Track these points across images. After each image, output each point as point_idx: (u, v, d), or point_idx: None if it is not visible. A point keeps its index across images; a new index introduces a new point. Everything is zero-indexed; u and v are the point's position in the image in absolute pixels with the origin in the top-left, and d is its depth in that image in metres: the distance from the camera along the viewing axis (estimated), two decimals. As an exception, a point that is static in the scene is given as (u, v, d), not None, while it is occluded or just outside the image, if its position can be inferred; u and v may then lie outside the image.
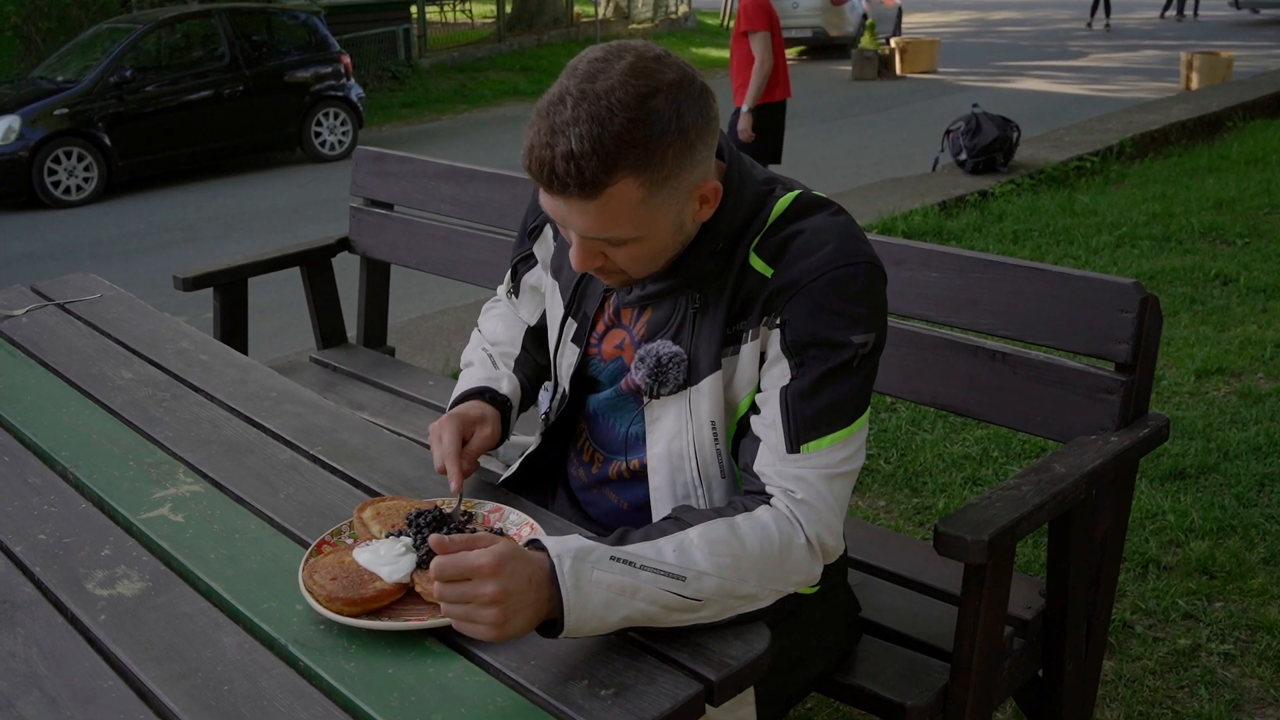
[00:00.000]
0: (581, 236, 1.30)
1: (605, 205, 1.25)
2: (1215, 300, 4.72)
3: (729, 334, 1.37)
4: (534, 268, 1.67)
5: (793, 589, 1.31)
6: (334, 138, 11.14)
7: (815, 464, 1.31)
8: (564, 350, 1.56)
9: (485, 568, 1.12)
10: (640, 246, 1.31)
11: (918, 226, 5.91)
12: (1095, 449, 1.69)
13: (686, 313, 1.40)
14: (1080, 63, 16.04)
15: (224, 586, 1.33)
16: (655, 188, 1.25)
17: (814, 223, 1.36)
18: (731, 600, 1.23)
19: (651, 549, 1.21)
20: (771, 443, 1.33)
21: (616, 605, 1.17)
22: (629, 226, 1.28)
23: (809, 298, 1.31)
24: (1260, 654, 2.45)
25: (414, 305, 5.31)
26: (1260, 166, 7.17)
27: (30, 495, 1.57)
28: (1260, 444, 3.38)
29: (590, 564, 1.17)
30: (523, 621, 1.14)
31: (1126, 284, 1.73)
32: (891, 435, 3.57)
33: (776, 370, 1.34)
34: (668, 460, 1.43)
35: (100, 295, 2.38)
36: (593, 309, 1.52)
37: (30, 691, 1.16)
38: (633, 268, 1.35)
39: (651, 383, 1.40)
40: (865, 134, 10.88)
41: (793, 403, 1.32)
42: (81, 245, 7.88)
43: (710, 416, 1.39)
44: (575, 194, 1.23)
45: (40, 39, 12.86)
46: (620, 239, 1.30)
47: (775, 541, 1.26)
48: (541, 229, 1.63)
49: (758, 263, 1.36)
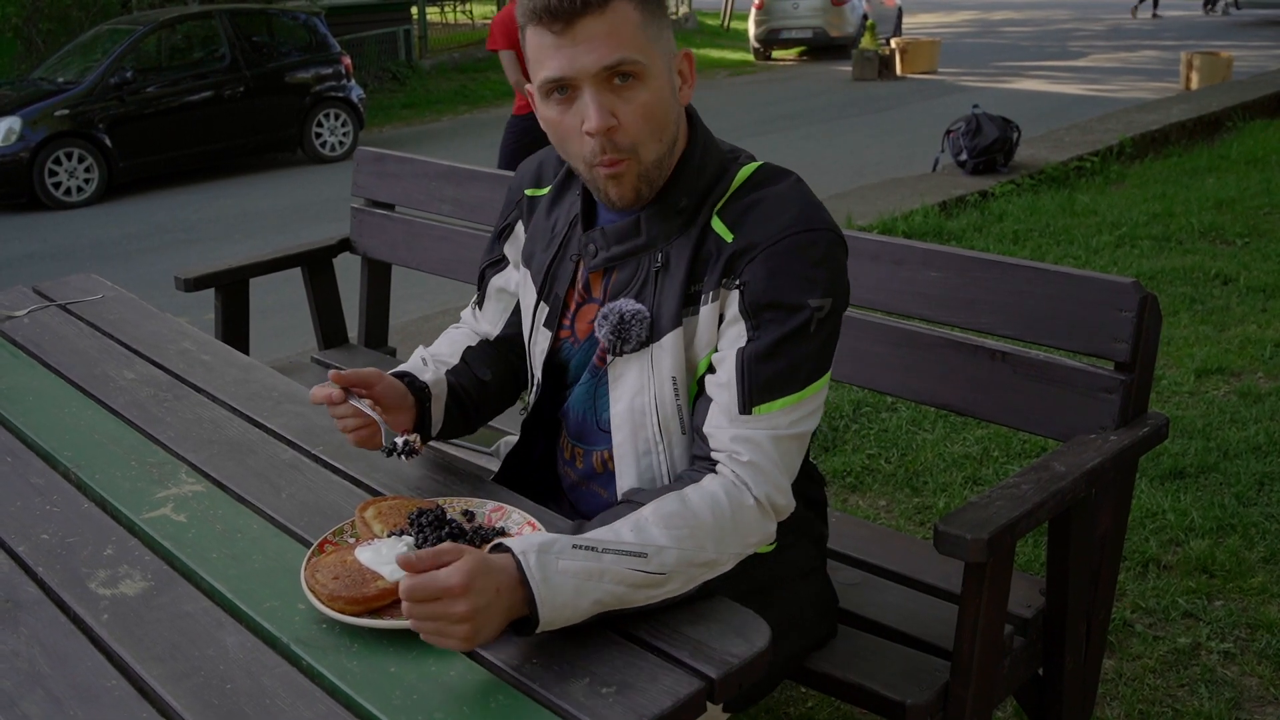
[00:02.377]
0: (594, 80, 1.33)
1: (614, 20, 1.31)
2: (1215, 300, 4.72)
3: (689, 293, 1.40)
4: (503, 269, 1.69)
5: (751, 549, 1.33)
6: (335, 138, 11.15)
7: (764, 425, 1.34)
8: (536, 337, 1.58)
9: (455, 588, 1.12)
10: (648, 90, 1.35)
11: (918, 227, 5.91)
12: (1095, 448, 1.70)
13: (649, 272, 1.43)
14: (1080, 63, 16.04)
15: (226, 586, 1.34)
16: (648, 15, 1.35)
17: (776, 190, 1.41)
18: (694, 569, 1.26)
19: (610, 532, 1.24)
20: (723, 403, 1.36)
21: (586, 590, 1.18)
22: (635, 48, 1.33)
23: (768, 260, 1.35)
24: (1260, 652, 2.46)
25: (415, 306, 5.32)
26: (1260, 166, 7.17)
27: (33, 495, 1.57)
28: (1260, 443, 3.38)
29: (555, 554, 1.18)
30: (493, 629, 1.15)
31: (1126, 283, 1.74)
32: (892, 435, 3.57)
33: (733, 331, 1.37)
34: (630, 417, 1.46)
35: (102, 296, 2.39)
36: (564, 289, 1.54)
37: (33, 690, 1.17)
38: (638, 127, 1.36)
39: (615, 339, 1.42)
40: (866, 134, 10.88)
41: (748, 364, 1.34)
42: (82, 246, 7.89)
43: (672, 372, 1.42)
44: (584, 10, 1.30)
45: (41, 40, 12.88)
46: (631, 63, 1.32)
47: (726, 507, 1.29)
48: (513, 226, 1.66)
49: (719, 226, 1.40)
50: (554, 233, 1.57)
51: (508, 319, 1.71)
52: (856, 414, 3.73)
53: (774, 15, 17.78)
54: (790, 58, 18.63)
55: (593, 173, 1.40)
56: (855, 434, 3.60)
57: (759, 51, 18.30)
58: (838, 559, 1.94)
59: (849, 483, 3.30)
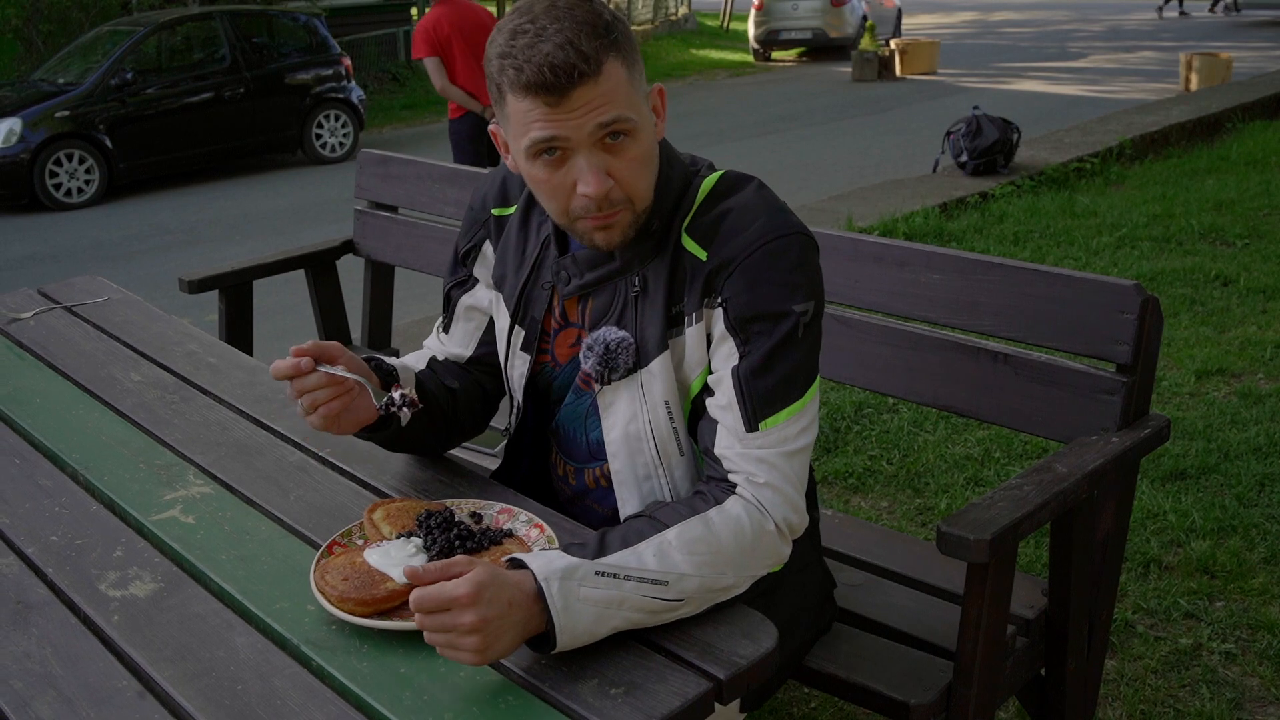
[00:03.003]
0: (589, 141, 1.31)
1: (606, 83, 1.30)
2: (1215, 301, 4.73)
3: (672, 315, 1.40)
4: (472, 289, 1.66)
5: (765, 572, 1.34)
6: (335, 139, 11.16)
7: (774, 440, 1.34)
8: (513, 360, 1.56)
9: (463, 599, 1.11)
10: (636, 143, 1.34)
11: (919, 228, 5.92)
12: (1097, 449, 1.71)
13: (627, 297, 1.43)
14: (1080, 64, 16.05)
15: (236, 587, 1.35)
16: (631, 67, 1.34)
17: (740, 200, 1.41)
18: (711, 593, 1.27)
19: (633, 556, 1.23)
20: (729, 424, 1.36)
21: (605, 618, 1.19)
22: (627, 105, 1.32)
23: (746, 273, 1.36)
24: (1261, 653, 2.47)
25: (416, 307, 5.33)
26: (1260, 168, 7.18)
27: (41, 497, 1.58)
28: (1260, 444, 3.39)
29: (577, 582, 1.18)
30: (507, 643, 1.15)
31: (1128, 286, 1.75)
32: (894, 436, 3.58)
33: (724, 350, 1.38)
34: (626, 444, 1.46)
35: (107, 298, 2.40)
36: (540, 313, 1.52)
37: (45, 691, 1.17)
38: (634, 180, 1.36)
39: (602, 369, 1.42)
40: (865, 135, 10.89)
41: (746, 381, 1.35)
42: (83, 247, 7.89)
43: (664, 397, 1.42)
44: (579, 79, 1.28)
45: (41, 41, 12.88)
46: (624, 120, 1.32)
47: (748, 533, 1.30)
48: (480, 247, 1.63)
49: (690, 244, 1.40)
50: (525, 255, 1.54)
51: (479, 338, 1.67)
52: (858, 415, 3.74)
53: (773, 16, 17.80)
54: (790, 59, 18.64)
55: (577, 226, 1.38)
56: (857, 435, 3.61)
57: (758, 52, 18.32)
58: (841, 560, 1.95)
59: (851, 484, 3.31)
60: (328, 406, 1.38)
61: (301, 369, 1.35)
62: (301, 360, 1.36)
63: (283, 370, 1.36)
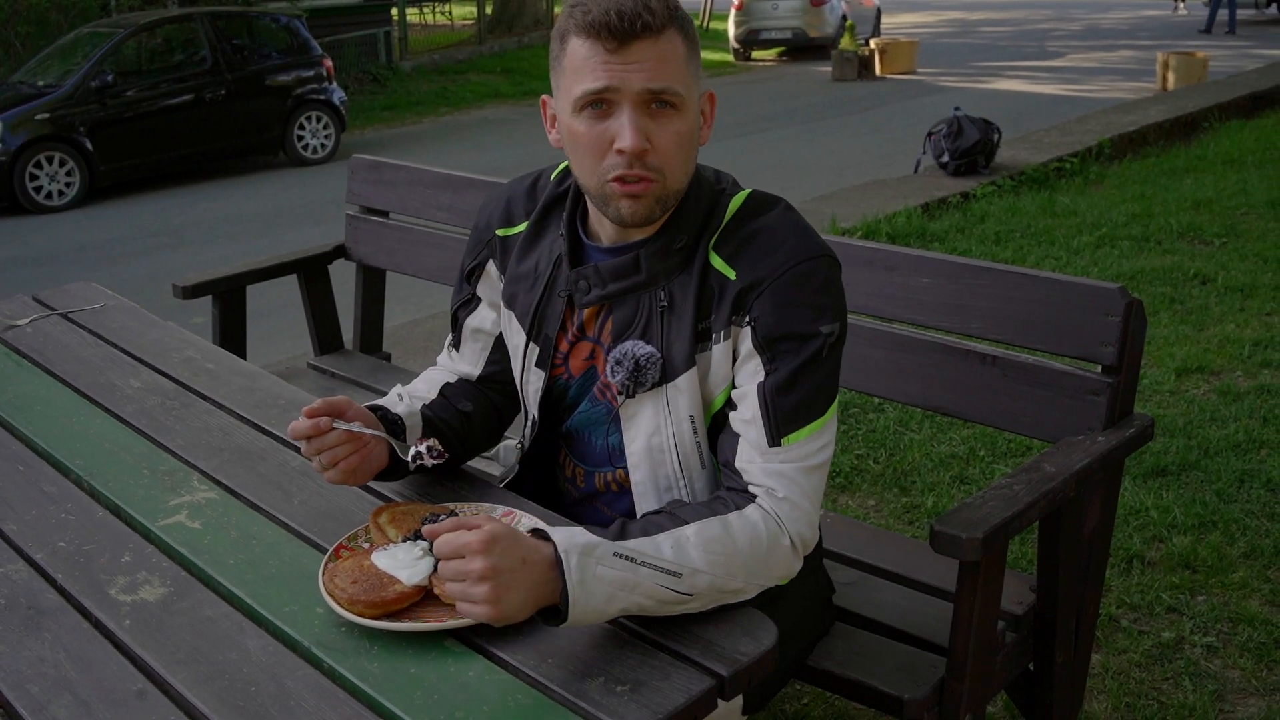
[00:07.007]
0: (636, 100, 1.35)
1: (664, 49, 1.35)
2: (1194, 300, 4.80)
3: (700, 330, 1.43)
4: (477, 309, 1.68)
5: (774, 583, 1.38)
6: (316, 141, 11.13)
7: (794, 456, 1.38)
8: (528, 377, 1.59)
9: (473, 544, 1.18)
10: (681, 119, 1.38)
11: (901, 228, 5.97)
12: (1083, 449, 1.75)
13: (653, 311, 1.45)
14: (1058, 63, 16.17)
15: (245, 591, 1.37)
16: (690, 49, 1.39)
17: (769, 220, 1.44)
18: (720, 594, 1.30)
19: (651, 545, 1.27)
20: (752, 439, 1.39)
21: (617, 599, 1.23)
22: (678, 78, 1.36)
23: (775, 294, 1.39)
24: (1242, 645, 2.52)
25: (405, 309, 5.33)
26: (1236, 167, 7.27)
27: (47, 504, 1.60)
28: (1239, 441, 3.45)
29: (595, 559, 1.22)
30: (519, 600, 1.19)
31: (1112, 289, 1.79)
32: (880, 435, 3.62)
33: (750, 367, 1.41)
34: (648, 456, 1.49)
35: (103, 304, 2.41)
36: (554, 330, 1.54)
37: (62, 695, 1.19)
38: (671, 153, 1.38)
39: (630, 383, 1.45)
40: (846, 135, 10.94)
41: (771, 398, 1.38)
42: (65, 251, 7.86)
43: (689, 412, 1.45)
44: (642, 33, 1.33)
45: (19, 43, 12.79)
46: (673, 93, 1.35)
47: (764, 542, 1.34)
48: (484, 266, 1.65)
49: (718, 262, 1.43)
50: (537, 273, 1.56)
51: (487, 358, 1.70)
52: (845, 415, 3.77)
53: (753, 16, 17.84)
54: (770, 58, 18.69)
55: (606, 188, 1.40)
56: (843, 434, 3.64)
57: (738, 52, 18.35)
58: (834, 559, 1.98)
59: (838, 483, 3.35)
60: (347, 461, 1.45)
61: (321, 428, 1.42)
62: (320, 420, 1.42)
63: (302, 430, 1.42)
